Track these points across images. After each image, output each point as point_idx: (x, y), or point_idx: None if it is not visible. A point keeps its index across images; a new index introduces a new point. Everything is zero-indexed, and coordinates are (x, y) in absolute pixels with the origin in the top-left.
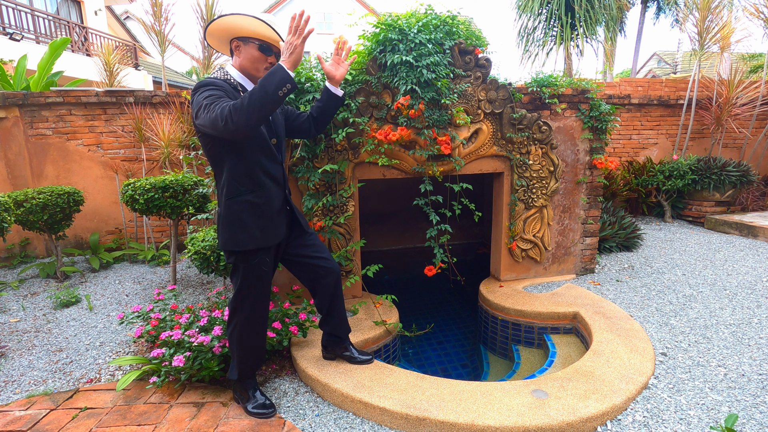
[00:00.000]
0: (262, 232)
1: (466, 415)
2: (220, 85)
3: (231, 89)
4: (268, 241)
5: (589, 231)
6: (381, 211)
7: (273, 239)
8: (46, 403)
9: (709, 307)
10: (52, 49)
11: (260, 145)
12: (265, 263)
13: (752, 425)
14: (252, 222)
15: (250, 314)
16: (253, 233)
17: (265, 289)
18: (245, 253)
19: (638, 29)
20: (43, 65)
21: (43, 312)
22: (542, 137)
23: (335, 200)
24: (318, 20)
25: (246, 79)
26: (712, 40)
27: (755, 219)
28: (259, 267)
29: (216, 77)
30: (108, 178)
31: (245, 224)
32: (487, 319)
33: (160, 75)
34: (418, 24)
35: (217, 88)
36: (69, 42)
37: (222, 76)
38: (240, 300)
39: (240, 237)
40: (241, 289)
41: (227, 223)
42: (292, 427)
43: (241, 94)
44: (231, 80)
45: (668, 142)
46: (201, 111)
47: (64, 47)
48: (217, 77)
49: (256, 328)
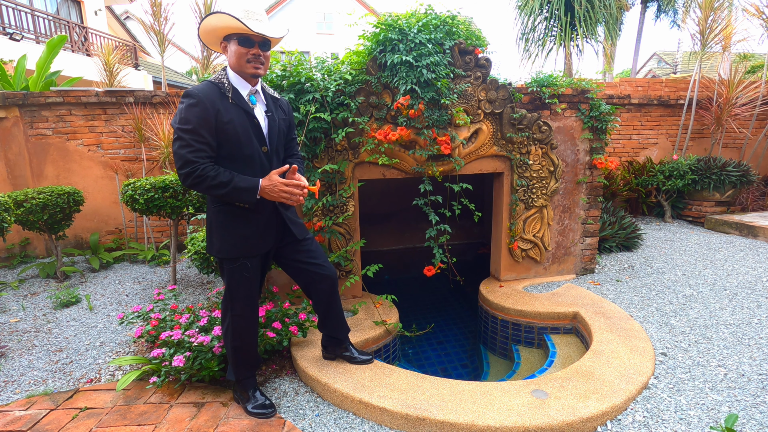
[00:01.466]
0: (247, 241)
1: (466, 415)
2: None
3: (218, 95)
4: (253, 250)
5: (589, 231)
6: (381, 211)
7: (258, 249)
8: (46, 403)
9: (709, 307)
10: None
11: (247, 157)
12: (246, 269)
13: (752, 425)
14: (237, 230)
15: (239, 314)
16: (236, 242)
17: (253, 290)
18: (228, 258)
19: (638, 29)
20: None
21: (43, 312)
22: (542, 137)
23: (335, 200)
24: (318, 20)
25: (241, 80)
26: (714, 40)
27: (755, 219)
28: (240, 271)
29: (212, 80)
30: (108, 178)
31: (230, 232)
32: (487, 319)
33: (160, 75)
34: (418, 24)
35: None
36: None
37: (217, 79)
38: (230, 299)
39: (223, 245)
40: (229, 289)
41: (213, 229)
42: (292, 427)
43: (230, 99)
44: (225, 84)
45: (668, 142)
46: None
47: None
48: (212, 80)
49: (247, 328)
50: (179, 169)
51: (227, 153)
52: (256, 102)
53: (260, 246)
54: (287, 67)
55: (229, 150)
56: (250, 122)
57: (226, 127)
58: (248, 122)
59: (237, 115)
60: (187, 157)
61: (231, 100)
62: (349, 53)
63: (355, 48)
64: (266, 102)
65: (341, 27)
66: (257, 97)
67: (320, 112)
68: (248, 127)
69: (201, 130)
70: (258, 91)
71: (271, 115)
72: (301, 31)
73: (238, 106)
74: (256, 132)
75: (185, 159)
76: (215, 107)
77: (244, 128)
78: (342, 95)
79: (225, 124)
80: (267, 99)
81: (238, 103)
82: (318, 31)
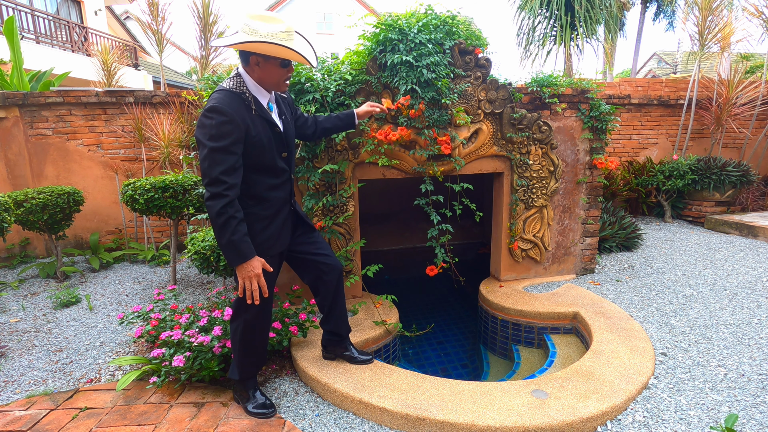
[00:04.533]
0: (267, 242)
1: (466, 415)
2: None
3: (243, 108)
4: (272, 250)
5: (589, 231)
6: (381, 211)
7: (277, 248)
8: (46, 403)
9: (709, 307)
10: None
11: (267, 167)
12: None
13: (752, 425)
14: (256, 233)
15: (254, 315)
16: (255, 245)
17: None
18: None
19: (638, 29)
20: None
21: (43, 312)
22: (542, 137)
23: (335, 200)
24: (318, 20)
25: (261, 89)
26: (712, 40)
27: (755, 219)
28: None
29: (230, 87)
30: (108, 178)
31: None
32: (487, 319)
33: (160, 75)
34: (418, 24)
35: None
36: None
37: (237, 87)
38: (245, 301)
39: None
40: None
41: None
42: (292, 427)
43: (253, 111)
44: (246, 94)
45: (668, 142)
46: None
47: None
48: (231, 87)
49: (259, 328)
50: (207, 186)
51: (250, 163)
52: (273, 108)
53: (280, 244)
54: None
55: (253, 161)
56: (272, 131)
57: (254, 141)
58: (270, 132)
59: (262, 127)
60: (220, 178)
61: (255, 111)
62: (349, 53)
63: (355, 48)
64: (277, 103)
65: (341, 27)
66: (273, 103)
67: (320, 112)
68: (271, 137)
69: (234, 148)
70: (272, 98)
71: (285, 118)
72: (301, 31)
73: (261, 117)
74: (277, 140)
75: (217, 179)
76: (245, 123)
77: (268, 138)
78: (342, 95)
79: (253, 138)
80: (277, 100)
81: (261, 113)
82: (318, 31)
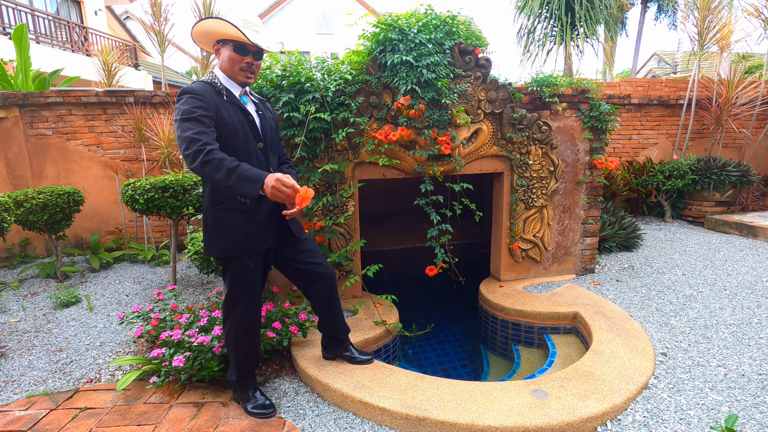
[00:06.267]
0: (247, 239)
1: (466, 415)
2: (200, 94)
3: (214, 93)
4: (253, 248)
5: (589, 231)
6: (381, 211)
7: (259, 246)
8: (46, 403)
9: (709, 307)
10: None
11: (245, 153)
12: (249, 269)
13: (752, 425)
14: (237, 229)
15: (242, 315)
16: (237, 240)
17: (256, 291)
18: (230, 258)
19: (638, 29)
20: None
21: (43, 312)
22: (542, 137)
23: (335, 200)
24: (318, 20)
25: (231, 82)
26: (711, 40)
27: (755, 219)
28: (242, 273)
29: (205, 80)
30: (108, 178)
31: (230, 231)
32: (487, 319)
33: (160, 75)
34: (418, 24)
35: (196, 97)
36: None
37: (210, 79)
38: (232, 300)
39: (223, 244)
40: (231, 291)
41: (211, 229)
42: (292, 427)
43: (225, 97)
44: (218, 84)
45: (668, 142)
46: (175, 123)
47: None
48: (205, 80)
49: (250, 328)
50: (185, 151)
51: (225, 149)
52: (247, 102)
53: (261, 243)
54: (287, 67)
55: (228, 146)
56: (246, 119)
57: (225, 122)
58: (244, 119)
59: (234, 112)
60: (193, 137)
61: (226, 98)
62: (349, 53)
63: (355, 48)
64: (255, 102)
65: (341, 27)
66: (247, 98)
67: (320, 112)
68: (245, 123)
69: (204, 119)
70: (246, 92)
71: (262, 114)
72: (301, 31)
73: (233, 104)
74: (252, 128)
75: (191, 138)
76: (215, 102)
77: (242, 124)
78: (342, 95)
79: (224, 119)
80: (255, 99)
81: (233, 100)
82: (318, 31)
